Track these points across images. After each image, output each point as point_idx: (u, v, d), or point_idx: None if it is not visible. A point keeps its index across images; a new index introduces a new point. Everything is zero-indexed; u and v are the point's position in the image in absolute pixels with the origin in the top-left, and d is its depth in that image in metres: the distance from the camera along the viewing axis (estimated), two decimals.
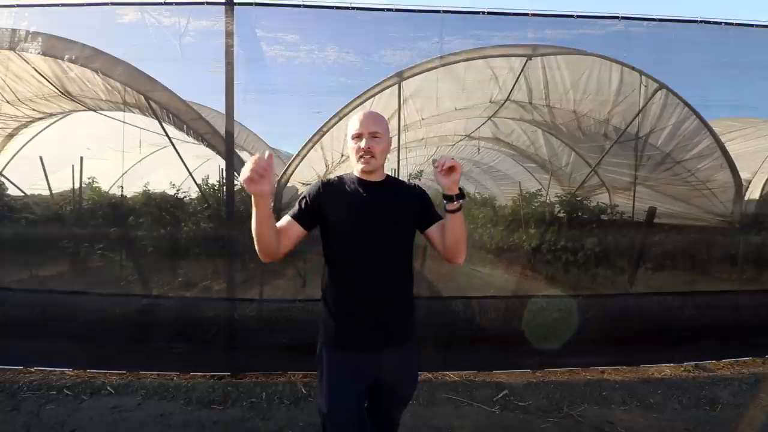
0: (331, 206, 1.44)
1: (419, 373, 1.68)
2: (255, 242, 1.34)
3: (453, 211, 1.40)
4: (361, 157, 1.45)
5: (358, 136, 1.47)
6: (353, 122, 1.49)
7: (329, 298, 1.47)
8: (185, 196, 4.92)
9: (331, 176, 1.57)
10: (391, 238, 1.46)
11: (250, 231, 1.31)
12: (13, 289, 3.88)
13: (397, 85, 4.00)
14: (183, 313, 3.50)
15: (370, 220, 1.43)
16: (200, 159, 5.29)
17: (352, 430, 1.43)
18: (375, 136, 1.46)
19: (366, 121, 1.47)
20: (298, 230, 1.43)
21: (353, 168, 1.53)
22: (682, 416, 2.78)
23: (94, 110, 4.55)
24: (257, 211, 1.26)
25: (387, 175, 1.58)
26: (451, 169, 1.36)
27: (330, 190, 1.48)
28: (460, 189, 1.40)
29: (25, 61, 3.76)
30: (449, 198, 1.40)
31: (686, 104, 4.05)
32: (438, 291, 4.17)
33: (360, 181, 1.50)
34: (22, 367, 3.23)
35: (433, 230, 1.51)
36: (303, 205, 1.45)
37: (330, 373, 1.43)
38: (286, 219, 1.46)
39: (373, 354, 1.43)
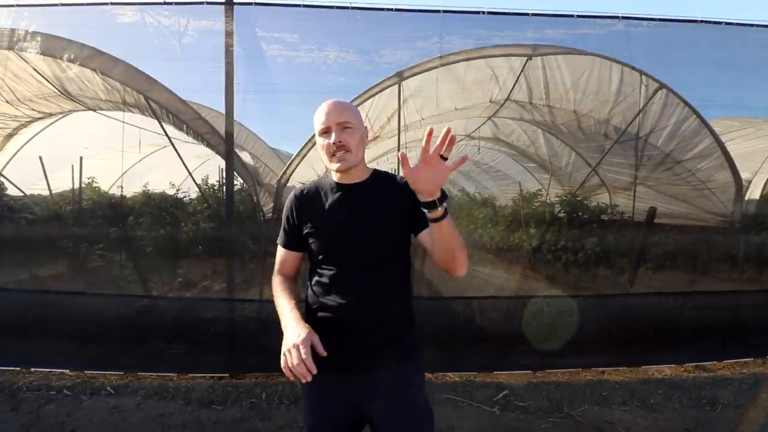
0: (306, 222, 1.29)
1: (426, 403, 1.33)
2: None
3: (436, 220, 1.09)
4: (333, 154, 1.22)
5: (326, 132, 1.24)
6: (318, 116, 1.25)
7: (309, 312, 1.31)
8: (185, 196, 4.93)
9: (306, 185, 1.38)
10: (377, 256, 1.24)
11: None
12: (13, 289, 3.87)
13: (397, 85, 4.00)
14: (182, 313, 3.49)
15: (350, 239, 1.24)
16: (200, 159, 5.29)
17: None
18: (345, 127, 1.22)
19: (332, 112, 1.23)
20: (295, 256, 1.36)
21: (330, 170, 1.31)
22: (682, 416, 2.78)
23: (94, 110, 4.54)
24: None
25: (373, 170, 1.34)
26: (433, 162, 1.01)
27: (304, 203, 1.31)
28: (442, 189, 1.06)
29: (24, 60, 3.76)
30: (430, 205, 1.06)
31: (686, 104, 4.05)
32: (438, 291, 4.17)
33: (338, 187, 1.29)
34: (21, 368, 3.22)
35: (425, 236, 1.24)
36: (287, 229, 1.35)
37: (309, 393, 1.30)
38: (280, 250, 1.38)
39: (355, 377, 1.24)
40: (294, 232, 1.32)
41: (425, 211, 1.08)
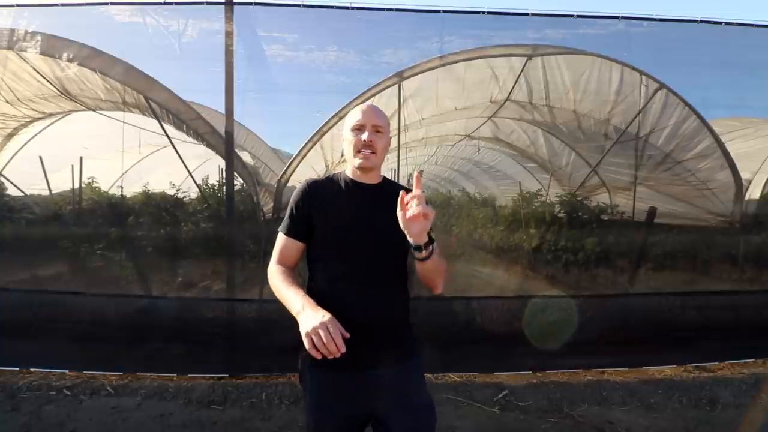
0: (317, 212, 1.30)
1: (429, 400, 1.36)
2: (272, 288, 1.30)
3: (422, 260, 1.21)
4: (359, 151, 1.30)
5: (359, 128, 1.31)
6: (354, 113, 1.34)
7: None
8: (185, 196, 4.93)
9: (319, 177, 1.42)
10: (383, 253, 1.29)
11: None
12: (13, 289, 3.87)
13: (397, 85, 3.99)
14: (182, 313, 3.49)
15: (356, 235, 1.28)
16: (200, 159, 5.29)
17: None
18: (378, 131, 1.31)
19: (369, 113, 1.33)
20: (297, 246, 1.33)
21: (348, 165, 1.37)
22: (682, 416, 2.78)
23: (94, 110, 4.54)
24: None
25: (384, 177, 1.43)
26: (422, 216, 1.12)
27: (317, 192, 1.33)
28: (429, 234, 1.19)
29: (24, 60, 3.76)
30: (417, 248, 1.18)
31: (686, 104, 4.05)
32: None
33: (353, 183, 1.35)
34: (21, 368, 3.22)
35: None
36: (293, 217, 1.33)
37: (312, 394, 1.30)
38: (282, 239, 1.34)
39: (360, 375, 1.26)
40: (301, 221, 1.32)
41: (414, 251, 1.20)
